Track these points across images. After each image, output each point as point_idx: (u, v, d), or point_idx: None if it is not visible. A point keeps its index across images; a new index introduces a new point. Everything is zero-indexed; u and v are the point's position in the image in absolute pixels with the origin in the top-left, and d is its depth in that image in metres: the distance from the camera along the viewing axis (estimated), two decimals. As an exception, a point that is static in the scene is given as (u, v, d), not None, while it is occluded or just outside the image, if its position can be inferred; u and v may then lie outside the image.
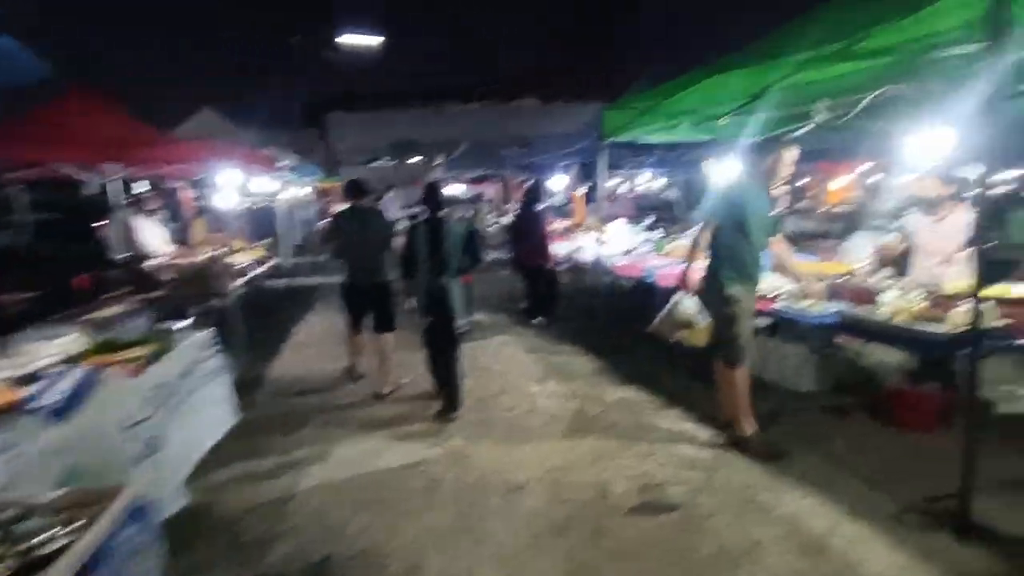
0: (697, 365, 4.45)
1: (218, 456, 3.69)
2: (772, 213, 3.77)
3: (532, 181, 8.01)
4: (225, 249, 7.07)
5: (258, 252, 8.09)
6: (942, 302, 3.33)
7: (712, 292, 3.68)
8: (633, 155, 8.77)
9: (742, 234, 3.65)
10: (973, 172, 3.98)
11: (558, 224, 9.19)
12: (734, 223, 3.62)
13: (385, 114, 33.16)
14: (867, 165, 10.90)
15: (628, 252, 6.51)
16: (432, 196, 4.52)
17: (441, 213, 4.43)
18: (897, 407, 4.07)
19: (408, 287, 4.56)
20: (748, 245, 3.67)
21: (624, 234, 7.76)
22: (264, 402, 5.10)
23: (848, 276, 4.21)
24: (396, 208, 13.49)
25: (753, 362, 3.79)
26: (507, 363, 6.00)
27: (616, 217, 8.60)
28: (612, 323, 6.47)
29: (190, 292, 5.25)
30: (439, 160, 17.27)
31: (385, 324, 5.13)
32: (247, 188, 10.12)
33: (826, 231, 8.53)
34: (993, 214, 5.82)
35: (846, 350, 4.55)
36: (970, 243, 3.95)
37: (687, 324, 3.70)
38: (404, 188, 21.07)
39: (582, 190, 10.09)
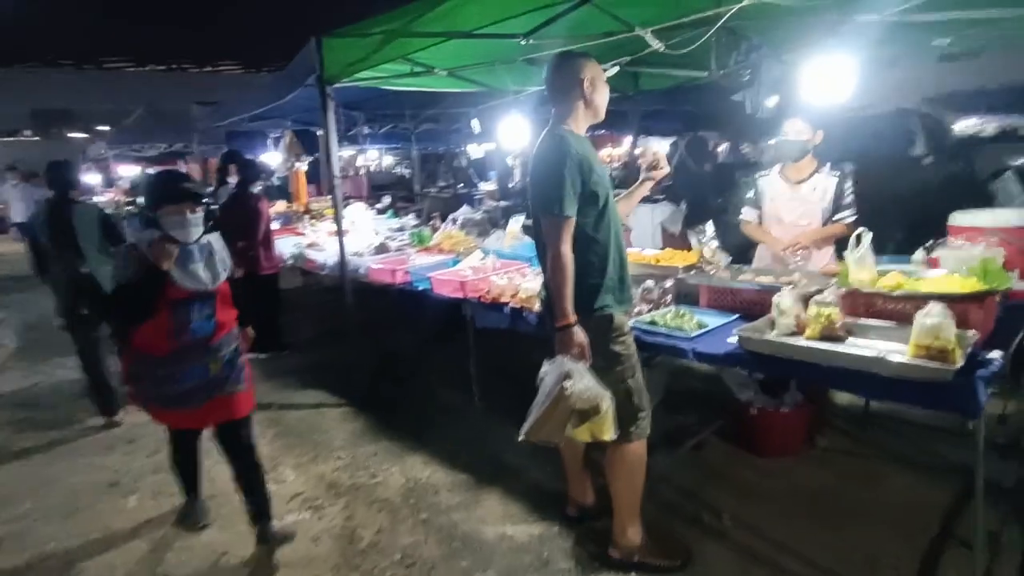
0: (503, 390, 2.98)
1: None
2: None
3: (228, 152, 5.63)
4: None
5: None
6: (861, 304, 2.35)
7: (588, 326, 2.18)
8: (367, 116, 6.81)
9: (602, 221, 2.23)
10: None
11: (275, 210, 6.78)
12: (591, 206, 2.19)
13: (19, 74, 25.16)
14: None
15: (379, 248, 4.69)
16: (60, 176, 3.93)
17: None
18: (761, 430, 3.17)
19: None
20: (612, 238, 2.27)
21: (365, 222, 5.94)
22: None
23: (700, 269, 3.12)
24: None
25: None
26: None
27: (348, 200, 6.74)
28: (371, 353, 4.60)
29: None
30: (103, 131, 12.89)
31: None
32: None
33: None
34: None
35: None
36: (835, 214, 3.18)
37: (587, 411, 2.12)
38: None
39: (302, 164, 7.68)
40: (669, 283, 3.05)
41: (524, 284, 3.14)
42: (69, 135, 22.69)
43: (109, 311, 3.07)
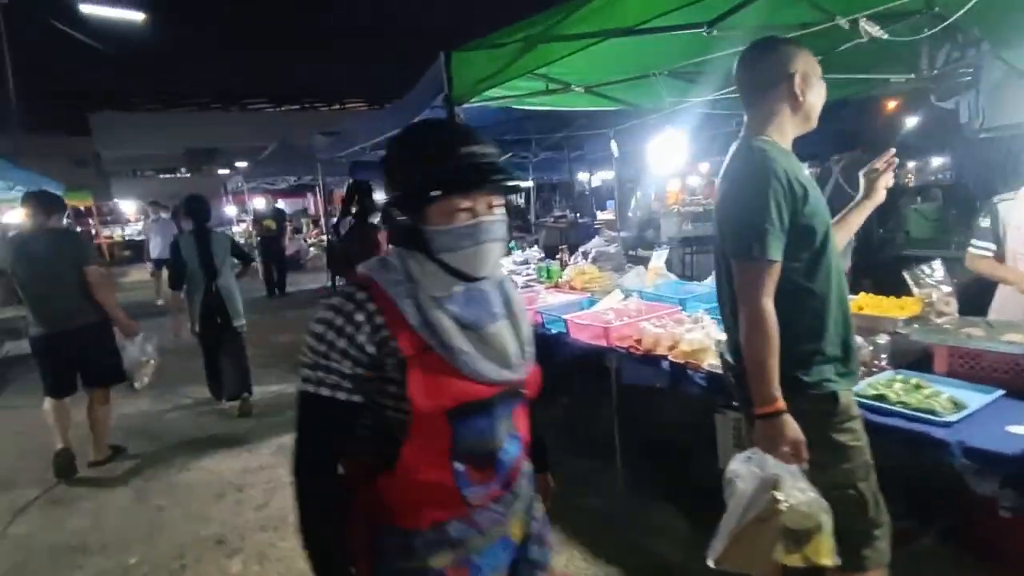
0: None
1: None
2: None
3: (353, 182, 5.48)
4: None
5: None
6: None
7: (802, 409, 1.55)
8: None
9: (820, 265, 1.60)
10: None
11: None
12: (804, 246, 1.56)
13: (175, 116, 28.09)
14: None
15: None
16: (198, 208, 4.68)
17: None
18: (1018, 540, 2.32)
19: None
20: (833, 287, 1.63)
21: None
22: None
23: (926, 320, 2.37)
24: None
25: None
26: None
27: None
28: None
29: None
30: (241, 166, 13.77)
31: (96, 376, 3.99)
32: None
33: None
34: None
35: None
36: None
37: (805, 531, 1.46)
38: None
39: None
40: (883, 340, 2.33)
41: (687, 335, 2.53)
42: (218, 171, 24.81)
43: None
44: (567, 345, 3.20)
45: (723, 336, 2.40)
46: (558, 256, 4.62)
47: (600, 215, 13.03)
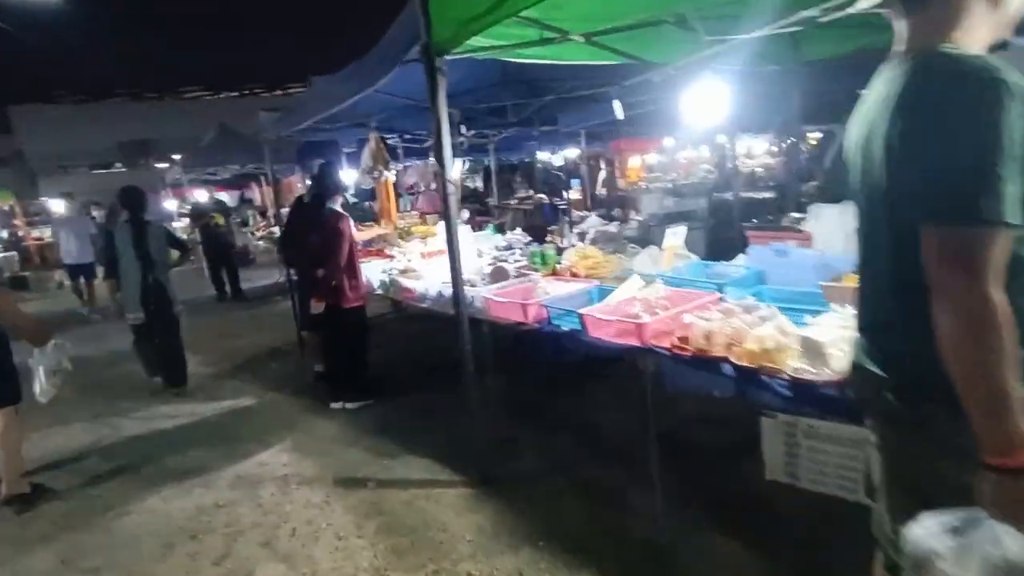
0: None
1: None
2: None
3: (314, 165, 4.81)
4: None
5: None
6: None
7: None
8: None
9: None
10: None
11: (366, 235, 5.76)
12: None
13: (106, 108, 26.17)
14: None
15: (496, 273, 3.68)
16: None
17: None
18: None
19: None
20: None
21: (463, 240, 4.98)
22: None
23: None
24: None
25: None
26: (279, 515, 2.95)
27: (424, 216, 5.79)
28: (491, 403, 3.35)
29: None
30: (177, 159, 12.63)
31: None
32: None
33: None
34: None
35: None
36: None
37: None
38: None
39: (390, 173, 6.01)
40: None
41: (754, 331, 2.03)
42: (155, 164, 23.26)
43: None
44: (583, 344, 2.67)
45: (840, 332, 1.90)
46: (549, 239, 4.07)
47: (568, 194, 12.57)
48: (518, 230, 5.21)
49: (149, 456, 3.93)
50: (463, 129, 5.61)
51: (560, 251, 3.77)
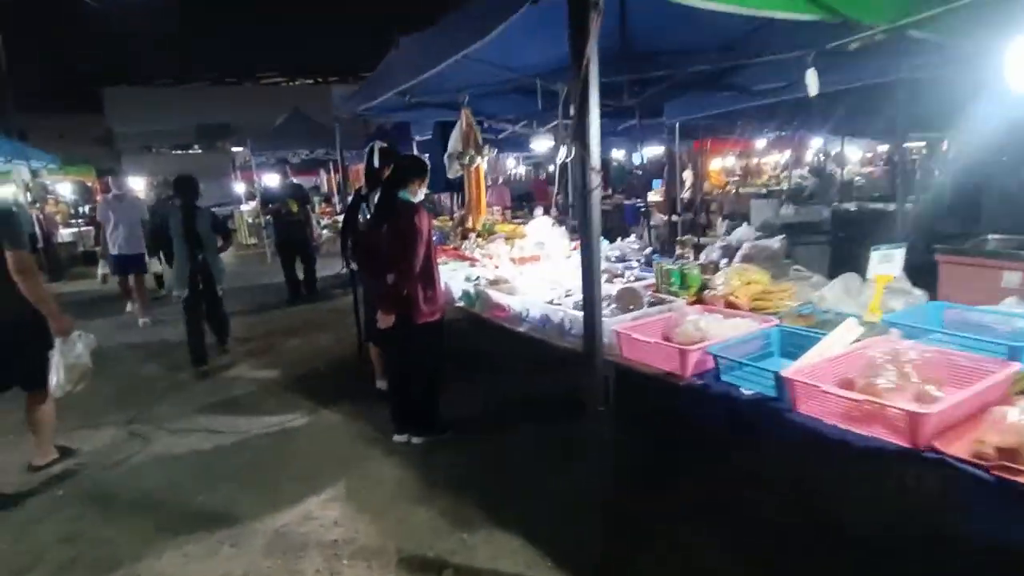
0: None
1: None
2: None
3: (378, 144, 3.96)
4: None
5: None
6: None
7: None
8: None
9: None
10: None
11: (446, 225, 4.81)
12: None
13: (186, 92, 26.71)
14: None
15: (623, 296, 2.76)
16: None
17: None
18: None
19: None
20: None
21: (558, 246, 4.10)
22: None
23: None
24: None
25: None
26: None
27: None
28: (598, 456, 2.27)
29: None
30: (248, 143, 12.26)
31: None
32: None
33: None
34: None
35: None
36: None
37: None
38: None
39: (482, 159, 4.80)
40: None
41: None
42: (231, 148, 23.53)
43: None
44: (784, 426, 1.75)
45: None
46: (683, 252, 3.14)
47: (650, 195, 11.57)
48: (632, 236, 4.28)
49: (177, 486, 3.26)
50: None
51: (704, 269, 2.83)
